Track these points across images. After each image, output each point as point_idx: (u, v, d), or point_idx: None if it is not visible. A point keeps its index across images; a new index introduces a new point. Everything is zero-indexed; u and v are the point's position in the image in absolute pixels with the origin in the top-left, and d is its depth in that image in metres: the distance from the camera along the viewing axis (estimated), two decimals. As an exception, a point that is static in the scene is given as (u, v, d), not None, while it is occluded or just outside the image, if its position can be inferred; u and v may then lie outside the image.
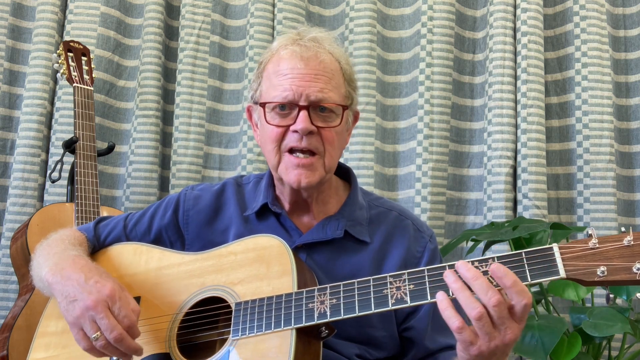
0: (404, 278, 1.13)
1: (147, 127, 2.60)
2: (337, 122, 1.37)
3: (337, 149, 1.40)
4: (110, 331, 1.18)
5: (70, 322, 1.24)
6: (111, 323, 1.19)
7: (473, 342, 1.04)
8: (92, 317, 1.20)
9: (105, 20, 2.69)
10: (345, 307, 1.15)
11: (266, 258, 1.28)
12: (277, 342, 1.17)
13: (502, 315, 1.02)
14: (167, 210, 1.54)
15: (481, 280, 1.03)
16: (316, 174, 1.35)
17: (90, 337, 1.20)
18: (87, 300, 1.21)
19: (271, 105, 1.36)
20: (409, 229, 1.48)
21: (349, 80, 1.43)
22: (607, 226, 2.37)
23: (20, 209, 2.52)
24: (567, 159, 2.51)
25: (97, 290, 1.22)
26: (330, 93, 1.35)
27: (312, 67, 1.35)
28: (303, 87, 1.33)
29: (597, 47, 2.49)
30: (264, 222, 1.46)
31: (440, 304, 1.05)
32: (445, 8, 2.57)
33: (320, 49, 1.37)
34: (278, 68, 1.37)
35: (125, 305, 1.22)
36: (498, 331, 1.03)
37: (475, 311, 1.02)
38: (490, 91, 2.49)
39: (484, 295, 1.02)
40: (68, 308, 1.24)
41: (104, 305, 1.20)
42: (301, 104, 1.33)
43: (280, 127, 1.35)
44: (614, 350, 2.14)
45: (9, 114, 2.68)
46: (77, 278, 1.26)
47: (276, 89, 1.35)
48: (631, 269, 0.98)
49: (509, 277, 1.02)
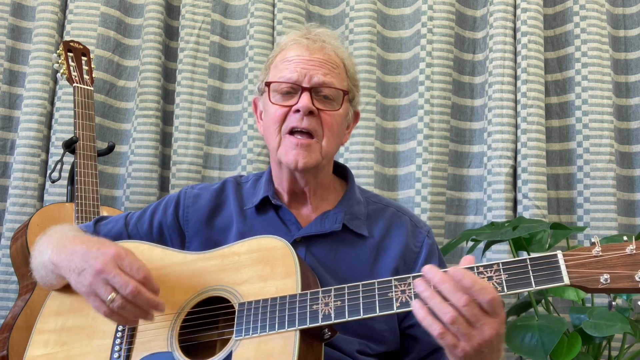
0: (408, 282, 1.14)
1: (147, 127, 2.60)
2: (337, 107, 1.44)
3: (335, 137, 1.45)
4: (126, 286, 1.17)
5: (85, 292, 1.22)
6: (124, 278, 1.18)
7: (456, 345, 1.04)
8: (104, 279, 1.19)
9: (105, 20, 2.69)
10: (349, 310, 1.16)
11: (270, 259, 1.28)
12: (280, 343, 1.17)
13: (475, 314, 1.03)
14: (167, 208, 1.55)
15: (448, 284, 1.05)
16: (313, 155, 1.40)
17: (106, 300, 1.18)
18: (95, 265, 1.20)
19: (276, 85, 1.43)
20: (406, 224, 1.51)
21: (352, 78, 1.51)
22: (607, 226, 2.38)
23: (20, 209, 2.51)
24: (567, 159, 2.51)
25: (102, 254, 1.22)
26: (333, 79, 1.43)
27: (317, 56, 1.44)
28: (307, 69, 1.41)
29: (597, 47, 2.49)
30: (263, 215, 1.48)
31: (418, 313, 1.07)
32: (445, 8, 2.57)
33: (326, 44, 1.46)
34: (285, 56, 1.45)
35: (135, 260, 1.22)
36: (475, 329, 1.04)
37: (447, 316, 1.03)
38: (490, 91, 2.49)
39: (452, 297, 1.03)
40: (79, 280, 1.23)
41: (113, 264, 1.20)
42: (304, 85, 1.40)
43: (283, 107, 1.42)
44: (614, 350, 2.15)
45: (9, 114, 2.67)
46: (80, 249, 1.26)
47: (282, 72, 1.43)
48: (633, 277, 1.01)
49: (467, 278, 1.04)
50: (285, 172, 1.46)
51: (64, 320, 1.40)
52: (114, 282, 1.18)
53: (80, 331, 1.37)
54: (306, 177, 1.45)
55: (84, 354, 1.34)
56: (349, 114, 1.51)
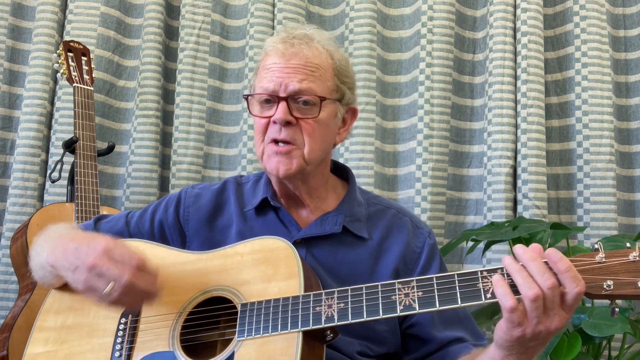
0: (412, 285, 1.14)
1: (147, 127, 2.60)
2: (316, 113, 1.39)
3: (319, 142, 1.42)
4: (120, 276, 1.17)
5: (83, 290, 1.22)
6: (118, 268, 1.17)
7: (520, 324, 1.03)
8: (98, 273, 1.18)
9: (105, 20, 2.69)
10: (352, 312, 1.16)
11: (273, 260, 1.28)
12: (283, 344, 1.17)
13: (554, 300, 1.03)
14: (168, 207, 1.55)
15: (538, 262, 1.04)
16: (294, 162, 1.38)
17: (104, 294, 1.17)
18: (87, 261, 1.19)
19: (255, 97, 1.43)
20: (407, 225, 1.50)
21: (340, 75, 1.45)
22: (607, 226, 2.38)
23: (20, 209, 2.52)
24: (567, 159, 2.51)
25: (92, 249, 1.21)
26: (311, 84, 1.39)
27: (293, 62, 1.40)
28: (282, 78, 1.38)
29: (597, 47, 2.49)
30: (263, 217, 1.48)
31: (496, 282, 1.05)
32: (445, 8, 2.57)
33: (305, 45, 1.41)
34: (265, 63, 1.43)
35: (125, 249, 1.22)
36: (547, 316, 1.03)
37: (533, 291, 1.02)
38: (490, 91, 2.50)
39: (540, 277, 1.02)
40: (75, 278, 1.23)
41: (104, 257, 1.19)
42: (281, 95, 1.38)
43: (263, 119, 1.41)
44: (614, 350, 2.15)
45: (9, 114, 2.67)
46: (72, 248, 1.25)
47: (261, 81, 1.42)
48: (637, 283, 1.02)
49: (564, 261, 1.03)
50: (274, 178, 1.46)
51: (64, 318, 1.40)
52: (108, 274, 1.18)
53: (80, 329, 1.37)
54: (293, 182, 1.43)
55: (84, 352, 1.34)
56: (338, 114, 1.46)
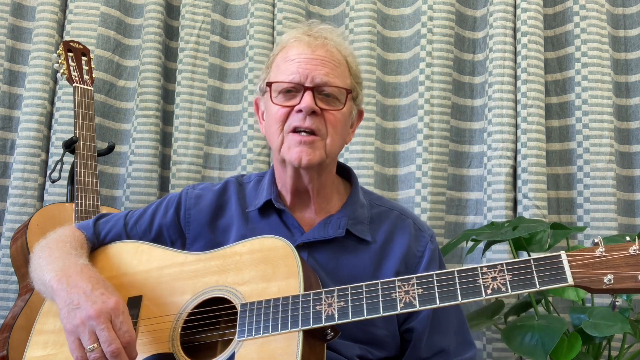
0: (412, 282, 1.14)
1: (147, 127, 2.60)
2: (340, 106, 1.41)
3: (339, 135, 1.43)
4: (109, 344, 1.16)
5: (68, 330, 1.21)
6: (111, 335, 1.17)
7: None
8: (92, 327, 1.18)
9: (105, 20, 2.69)
10: (353, 310, 1.16)
11: (272, 259, 1.28)
12: (283, 343, 1.17)
13: None
14: (168, 209, 1.54)
15: None
16: (317, 153, 1.38)
17: (86, 348, 1.17)
18: (90, 309, 1.19)
19: (278, 86, 1.41)
20: (409, 228, 1.49)
21: (354, 76, 1.48)
22: (607, 226, 2.38)
23: (20, 209, 2.51)
24: (567, 159, 2.51)
25: (102, 301, 1.21)
26: (336, 79, 1.40)
27: (319, 54, 1.41)
28: (309, 69, 1.38)
29: (597, 47, 2.49)
30: (266, 219, 1.47)
31: None
32: (445, 8, 2.57)
33: (328, 41, 1.44)
34: (287, 55, 1.43)
35: (128, 321, 1.21)
36: None
37: None
38: (490, 91, 2.49)
39: None
40: (69, 315, 1.22)
41: (107, 317, 1.19)
42: (307, 85, 1.38)
43: (285, 107, 1.40)
44: (614, 350, 2.15)
45: (9, 114, 2.67)
46: (84, 287, 1.25)
47: (284, 72, 1.41)
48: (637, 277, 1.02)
49: None
50: (289, 170, 1.43)
51: None
52: (100, 334, 1.18)
53: None
54: (310, 174, 1.42)
55: None
56: (353, 112, 1.49)
